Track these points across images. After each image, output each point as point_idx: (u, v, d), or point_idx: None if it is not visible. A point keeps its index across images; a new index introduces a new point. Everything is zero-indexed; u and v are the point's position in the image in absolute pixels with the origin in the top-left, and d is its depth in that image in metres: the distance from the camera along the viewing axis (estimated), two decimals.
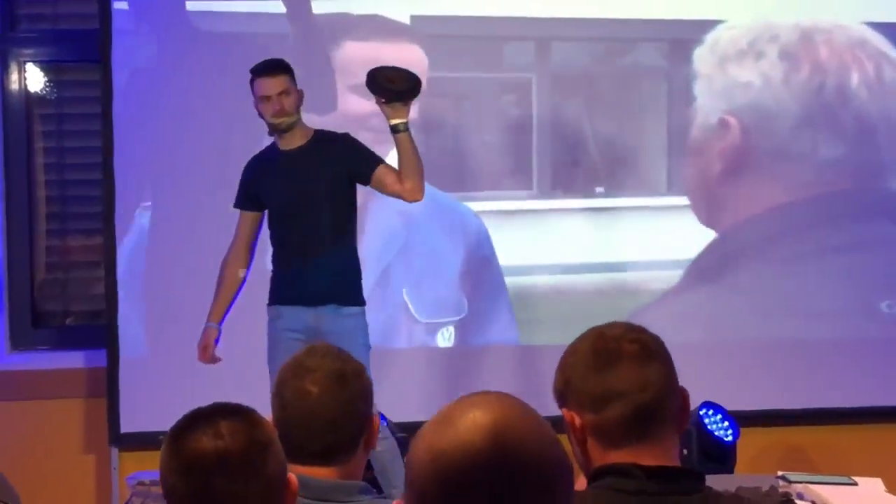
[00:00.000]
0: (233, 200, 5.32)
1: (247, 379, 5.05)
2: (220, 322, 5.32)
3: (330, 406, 2.63)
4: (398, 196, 5.15)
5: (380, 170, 5.12)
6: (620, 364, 2.29)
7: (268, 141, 5.25)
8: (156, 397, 5.68)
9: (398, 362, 6.08)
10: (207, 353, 5.28)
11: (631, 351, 2.30)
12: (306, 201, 5.12)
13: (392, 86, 5.07)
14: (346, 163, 5.16)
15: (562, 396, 2.40)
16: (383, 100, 5.05)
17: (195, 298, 5.93)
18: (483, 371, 6.19)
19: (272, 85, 5.10)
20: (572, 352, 2.39)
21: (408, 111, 5.05)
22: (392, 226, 5.52)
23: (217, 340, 5.30)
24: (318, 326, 5.12)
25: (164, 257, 6.02)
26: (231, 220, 5.32)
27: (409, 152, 5.07)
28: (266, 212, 5.24)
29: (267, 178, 5.18)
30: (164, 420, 2.13)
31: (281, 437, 2.62)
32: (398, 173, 5.09)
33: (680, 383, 2.32)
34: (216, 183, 5.86)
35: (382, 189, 5.16)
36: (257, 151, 5.31)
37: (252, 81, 5.14)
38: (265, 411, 2.57)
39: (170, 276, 6.01)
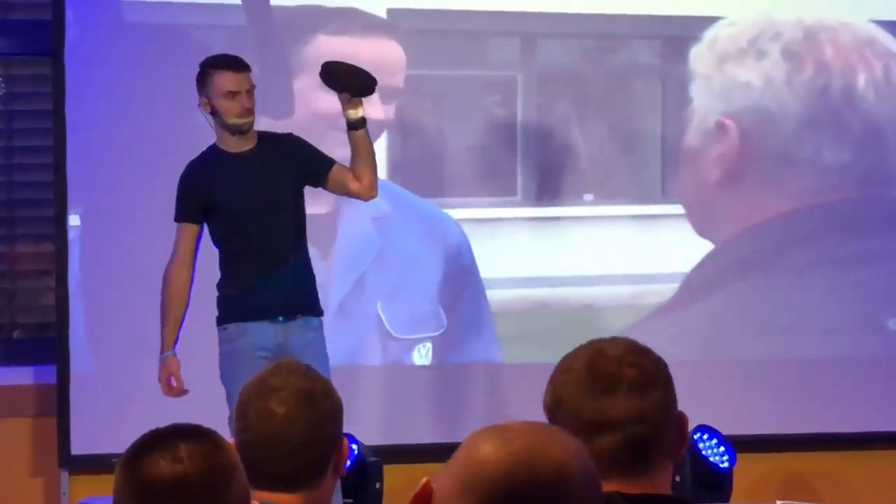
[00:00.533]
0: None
1: (207, 399, 5.04)
2: (175, 347, 5.22)
3: (297, 428, 2.61)
4: (356, 195, 5.21)
5: (335, 169, 5.15)
6: (618, 391, 2.28)
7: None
8: (110, 417, 5.66)
9: (371, 381, 6.07)
10: (174, 388, 5.14)
11: (631, 377, 2.28)
12: (268, 207, 5.11)
13: (356, 80, 5.12)
14: (301, 164, 5.18)
15: (551, 414, 2.39)
16: (348, 94, 5.10)
17: (155, 311, 5.93)
18: (463, 391, 6.19)
19: (241, 80, 5.10)
20: (567, 369, 2.37)
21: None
22: (366, 233, 5.51)
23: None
24: (286, 342, 5.12)
25: (122, 265, 6.00)
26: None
27: (368, 148, 5.16)
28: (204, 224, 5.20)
29: (220, 184, 5.13)
30: (118, 441, 2.11)
31: (244, 460, 2.61)
32: (352, 171, 5.12)
33: None
34: (174, 184, 5.86)
35: (340, 189, 5.20)
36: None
37: (210, 75, 5.11)
38: (225, 433, 2.56)
39: (126, 285, 5.99)
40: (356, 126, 5.12)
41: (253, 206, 5.12)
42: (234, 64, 5.13)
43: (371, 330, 6.12)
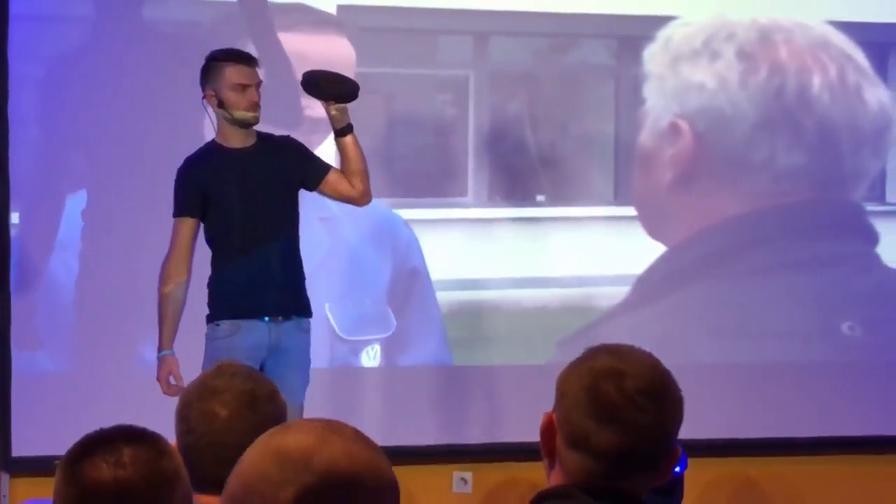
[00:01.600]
0: (141, 202, 5.28)
1: (157, 400, 5.04)
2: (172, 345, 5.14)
3: (239, 431, 2.60)
4: (351, 201, 5.27)
5: (332, 174, 5.19)
6: (633, 420, 2.29)
7: (186, 136, 5.23)
8: (53, 418, 5.63)
9: (319, 383, 6.05)
10: (174, 387, 5.00)
11: (648, 410, 2.29)
12: (267, 204, 5.11)
13: (338, 87, 5.17)
14: (299, 166, 5.21)
15: (552, 428, 2.38)
16: (333, 102, 5.14)
17: (102, 310, 5.92)
18: (411, 393, 6.19)
19: (251, 74, 5.11)
20: (575, 383, 2.34)
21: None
22: (313, 233, 5.50)
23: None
24: (277, 342, 5.13)
25: (69, 262, 5.99)
26: (136, 222, 5.26)
27: (358, 153, 5.20)
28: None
29: (220, 178, 5.11)
30: (61, 443, 2.10)
31: (186, 463, 2.61)
32: (347, 177, 5.15)
33: None
34: (129, 184, 5.86)
35: (335, 194, 5.23)
36: (175, 147, 5.26)
37: (220, 68, 5.08)
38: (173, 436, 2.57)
39: (73, 285, 5.98)
40: (343, 132, 5.17)
41: (249, 203, 5.11)
42: (245, 57, 5.14)
43: (319, 332, 6.10)
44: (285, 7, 6.11)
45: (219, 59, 5.12)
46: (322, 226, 5.93)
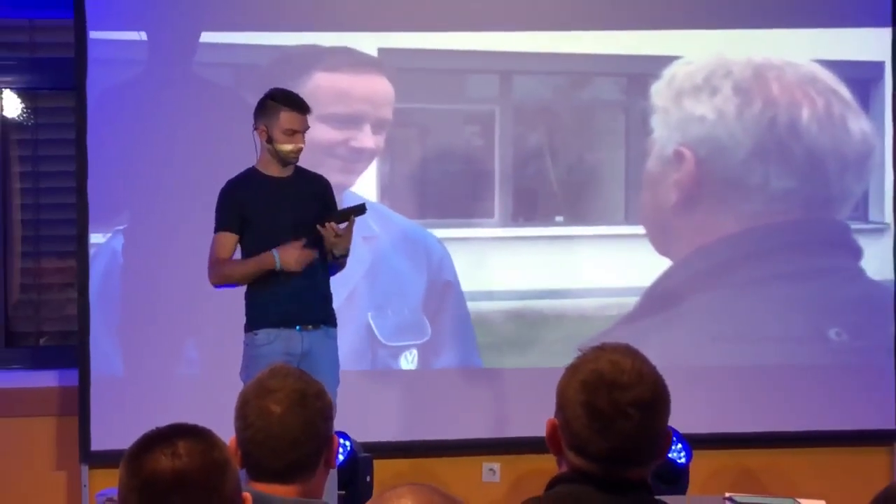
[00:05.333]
0: (198, 222, 5.27)
1: (216, 400, 5.05)
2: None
3: (292, 425, 2.61)
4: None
5: (329, 225, 5.12)
6: (620, 429, 2.27)
7: (231, 163, 5.22)
8: (127, 416, 5.64)
9: (363, 384, 6.07)
10: (306, 254, 5.03)
11: (634, 419, 2.27)
12: (297, 228, 5.10)
13: (350, 210, 5.18)
14: (324, 202, 5.21)
15: (556, 432, 2.38)
16: (351, 217, 5.13)
17: (167, 319, 5.94)
18: (444, 392, 6.19)
19: (303, 121, 5.09)
20: (571, 395, 2.33)
21: None
22: (356, 250, 5.50)
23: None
24: (309, 349, 5.11)
25: (138, 279, 6.01)
26: (199, 241, 5.25)
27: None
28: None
29: (256, 203, 5.11)
30: (133, 438, 2.11)
31: (243, 455, 2.63)
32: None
33: None
34: (184, 206, 5.88)
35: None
36: (222, 174, 5.26)
37: (277, 109, 5.06)
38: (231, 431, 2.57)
39: (143, 297, 6.00)
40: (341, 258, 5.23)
41: (285, 225, 5.11)
42: (301, 105, 5.10)
43: (363, 338, 6.12)
44: (333, 49, 6.12)
45: (277, 101, 5.09)
46: (365, 244, 5.93)
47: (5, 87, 6.23)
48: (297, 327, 5.11)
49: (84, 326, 5.93)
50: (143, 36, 6.03)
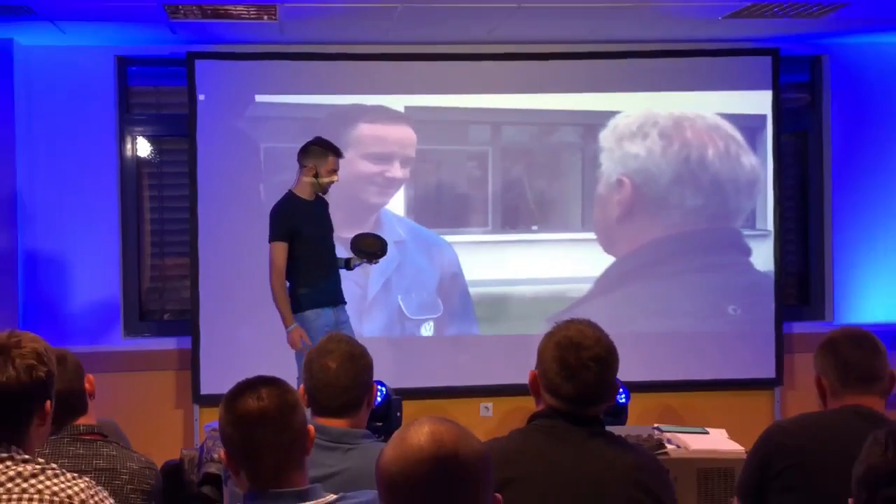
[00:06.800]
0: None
1: (286, 360, 5.06)
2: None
3: (343, 377, 2.63)
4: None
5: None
6: (584, 378, 2.28)
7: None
8: (225, 370, 5.64)
9: (395, 347, 6.07)
10: (305, 346, 4.94)
11: (593, 370, 2.28)
12: (325, 236, 5.14)
13: (372, 249, 5.25)
14: (329, 216, 5.27)
15: (535, 381, 2.37)
16: (366, 261, 5.25)
17: (252, 303, 5.95)
18: (453, 352, 6.19)
19: (339, 164, 5.16)
20: (547, 353, 2.34)
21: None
22: (390, 251, 5.52)
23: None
24: (336, 319, 5.16)
25: (233, 273, 6.01)
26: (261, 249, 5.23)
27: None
28: None
29: (304, 218, 5.12)
30: (231, 385, 2.11)
31: (309, 398, 2.64)
32: None
33: None
34: (261, 221, 5.89)
35: None
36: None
37: (326, 155, 5.09)
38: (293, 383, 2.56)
39: (234, 286, 6.01)
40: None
41: (319, 234, 5.13)
42: (340, 153, 5.17)
43: (394, 313, 6.12)
44: (372, 107, 6.12)
45: (326, 148, 5.12)
46: (395, 247, 5.92)
47: (139, 136, 6.24)
48: (331, 307, 5.11)
49: (195, 306, 5.95)
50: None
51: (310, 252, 5.11)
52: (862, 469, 1.41)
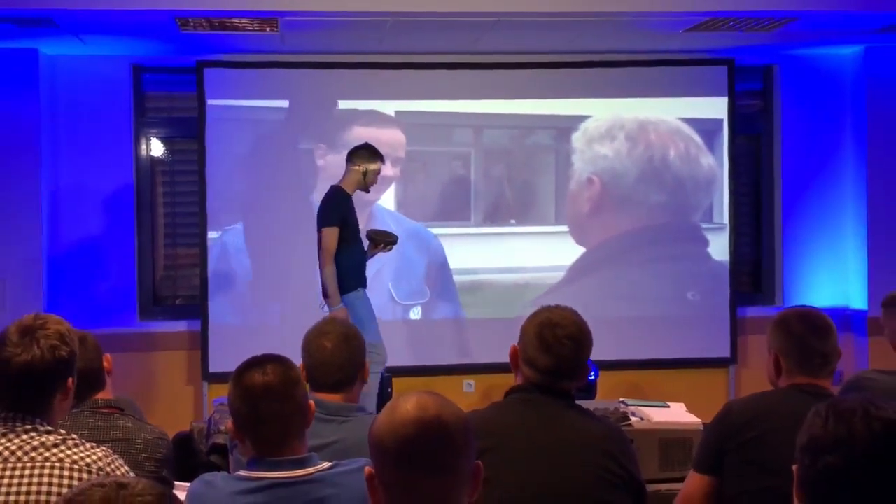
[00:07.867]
0: (276, 226, 5.24)
1: (291, 340, 5.04)
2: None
3: (339, 356, 2.64)
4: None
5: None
6: (559, 352, 2.30)
7: (298, 184, 5.18)
8: (232, 350, 5.63)
9: (386, 329, 6.05)
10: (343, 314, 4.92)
11: (567, 346, 2.31)
12: (357, 225, 5.15)
13: (388, 238, 5.27)
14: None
15: (515, 354, 2.39)
16: (382, 247, 5.23)
17: (259, 288, 5.94)
18: (439, 333, 6.20)
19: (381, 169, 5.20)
20: (529, 330, 2.36)
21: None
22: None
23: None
24: (366, 298, 5.16)
25: (239, 261, 6.00)
26: (284, 239, 5.22)
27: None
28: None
29: (349, 209, 5.11)
30: (236, 364, 2.12)
31: (308, 375, 2.64)
32: None
33: None
34: (267, 214, 5.87)
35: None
36: (286, 194, 5.25)
37: (376, 161, 5.13)
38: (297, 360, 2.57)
39: (242, 274, 5.99)
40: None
41: (357, 224, 5.14)
42: (384, 158, 5.22)
43: (386, 298, 6.12)
44: (363, 112, 6.12)
45: (376, 154, 5.17)
46: None
47: (153, 137, 6.22)
48: (364, 287, 5.11)
49: (204, 292, 5.94)
50: (238, 102, 6.02)
51: (350, 238, 5.09)
52: (805, 438, 1.43)
